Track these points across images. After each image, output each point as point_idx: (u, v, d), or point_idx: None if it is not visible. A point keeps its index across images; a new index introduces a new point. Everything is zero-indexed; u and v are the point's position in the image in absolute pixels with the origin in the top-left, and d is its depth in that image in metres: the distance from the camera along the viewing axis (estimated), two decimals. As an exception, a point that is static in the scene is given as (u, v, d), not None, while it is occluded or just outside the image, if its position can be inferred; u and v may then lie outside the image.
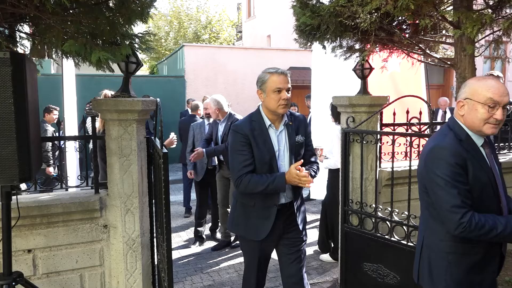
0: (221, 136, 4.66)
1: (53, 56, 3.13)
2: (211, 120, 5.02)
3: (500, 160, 4.12)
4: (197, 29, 23.98)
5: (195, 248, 5.01)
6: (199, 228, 5.22)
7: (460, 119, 1.90)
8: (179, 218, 6.37)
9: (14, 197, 2.29)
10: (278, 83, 2.41)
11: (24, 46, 3.19)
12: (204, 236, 5.27)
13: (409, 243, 3.04)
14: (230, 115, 4.69)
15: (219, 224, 5.26)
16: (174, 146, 4.63)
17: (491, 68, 12.74)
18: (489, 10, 3.19)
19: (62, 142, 3.18)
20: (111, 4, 2.70)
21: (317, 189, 5.99)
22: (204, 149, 4.62)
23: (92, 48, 2.42)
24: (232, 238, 5.05)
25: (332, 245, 4.58)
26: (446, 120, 2.11)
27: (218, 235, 5.27)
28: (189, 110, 9.08)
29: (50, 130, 5.91)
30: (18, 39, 3.02)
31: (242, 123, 2.55)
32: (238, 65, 12.21)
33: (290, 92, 2.46)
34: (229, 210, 4.66)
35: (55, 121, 6.00)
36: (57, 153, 5.87)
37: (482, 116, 1.80)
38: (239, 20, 25.95)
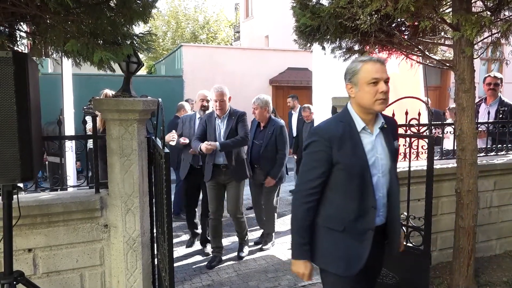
0: (226, 134, 4.25)
1: (54, 55, 3.14)
2: (206, 113, 4.60)
3: (498, 162, 4.17)
4: (195, 29, 24.02)
5: (193, 248, 5.01)
6: (195, 231, 5.02)
7: None
8: (177, 218, 6.36)
9: (15, 196, 2.29)
10: (374, 72, 1.98)
11: (24, 46, 3.19)
12: (199, 229, 5.00)
13: (408, 244, 3.07)
14: (232, 110, 4.37)
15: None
16: (173, 143, 4.58)
17: (488, 70, 12.82)
18: (488, 13, 3.21)
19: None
20: (112, 4, 2.71)
21: None
22: (218, 142, 4.18)
23: (94, 48, 2.43)
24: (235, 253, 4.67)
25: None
26: None
27: (209, 248, 4.75)
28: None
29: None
30: (18, 38, 3.02)
31: (326, 125, 2.10)
32: (236, 65, 12.21)
33: (388, 84, 2.02)
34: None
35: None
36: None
37: None
38: (237, 20, 25.96)
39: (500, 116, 4.53)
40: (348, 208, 2.01)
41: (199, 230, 5.01)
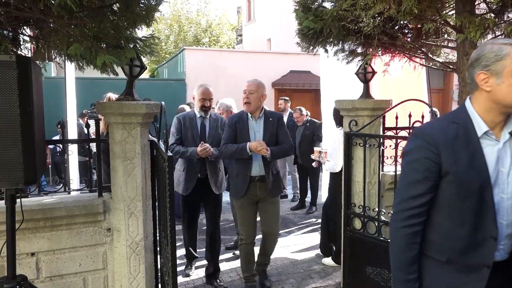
0: (265, 138, 3.67)
1: (57, 59, 3.14)
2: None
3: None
4: (197, 33, 24.09)
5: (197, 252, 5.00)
6: (194, 253, 4.35)
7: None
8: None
9: (18, 200, 2.29)
10: None
11: (28, 50, 3.20)
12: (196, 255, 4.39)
13: None
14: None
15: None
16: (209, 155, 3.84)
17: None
18: (492, 15, 3.20)
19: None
20: (115, 8, 2.71)
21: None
22: (269, 150, 3.52)
23: (97, 52, 2.43)
24: None
25: (334, 249, 4.58)
26: None
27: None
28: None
29: None
30: (22, 42, 3.03)
31: (433, 126, 1.66)
32: (238, 68, 12.22)
33: None
34: None
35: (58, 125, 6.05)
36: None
37: None
38: (239, 24, 26.03)
39: None
40: (456, 235, 1.56)
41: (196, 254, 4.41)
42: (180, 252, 4.56)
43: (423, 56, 3.87)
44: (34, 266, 2.70)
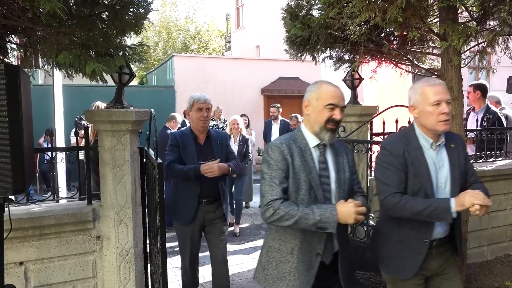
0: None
1: (45, 67, 3.14)
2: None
3: (487, 169, 4.22)
4: (186, 39, 24.08)
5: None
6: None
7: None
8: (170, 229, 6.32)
9: (6, 209, 2.27)
10: None
11: (15, 57, 3.19)
12: None
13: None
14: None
15: None
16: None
17: (476, 78, 13.02)
18: (474, 23, 3.29)
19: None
20: (104, 16, 2.73)
21: None
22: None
23: (86, 60, 2.43)
24: None
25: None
26: None
27: None
28: (186, 121, 8.99)
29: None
30: (9, 50, 3.02)
31: None
32: (227, 75, 12.25)
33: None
34: None
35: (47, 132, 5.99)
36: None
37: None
38: (228, 30, 26.12)
39: (485, 124, 4.59)
40: None
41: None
42: (171, 260, 4.53)
43: (409, 63, 3.94)
44: (22, 276, 2.67)
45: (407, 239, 2.23)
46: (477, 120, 4.50)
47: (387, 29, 3.57)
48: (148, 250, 3.13)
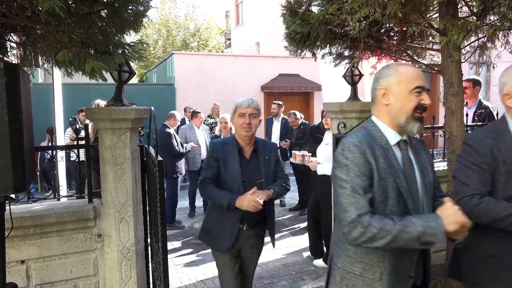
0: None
1: (45, 65, 3.13)
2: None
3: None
4: (186, 37, 24.06)
5: (188, 257, 5.00)
6: None
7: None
8: (171, 226, 6.34)
9: (7, 207, 2.28)
10: None
11: (14, 56, 3.18)
12: None
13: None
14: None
15: None
16: None
17: (476, 73, 13.00)
18: (474, 18, 3.28)
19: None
20: (103, 14, 2.72)
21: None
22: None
23: (86, 58, 2.43)
24: None
25: (326, 251, 4.61)
26: None
27: None
28: (186, 119, 8.98)
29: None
30: (8, 49, 3.02)
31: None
32: (227, 72, 12.24)
33: None
34: None
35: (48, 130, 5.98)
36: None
37: None
38: (228, 28, 26.07)
39: (476, 119, 4.56)
40: None
41: None
42: (172, 257, 4.54)
43: (409, 59, 3.93)
44: (24, 274, 2.68)
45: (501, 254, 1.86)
46: (467, 115, 4.45)
47: (387, 25, 3.56)
48: (149, 248, 3.14)
